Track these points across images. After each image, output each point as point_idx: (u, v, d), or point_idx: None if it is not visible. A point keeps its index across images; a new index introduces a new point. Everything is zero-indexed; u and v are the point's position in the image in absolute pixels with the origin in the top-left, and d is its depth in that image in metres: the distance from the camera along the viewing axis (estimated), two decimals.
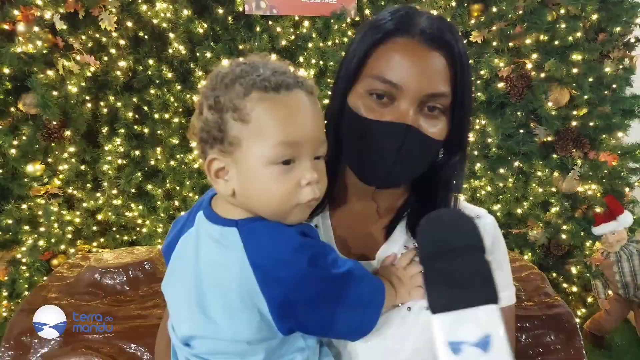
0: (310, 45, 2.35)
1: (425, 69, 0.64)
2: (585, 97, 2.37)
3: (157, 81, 2.35)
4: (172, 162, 2.41)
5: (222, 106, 0.57)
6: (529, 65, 2.38)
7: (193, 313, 0.59)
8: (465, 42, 2.34)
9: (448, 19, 2.29)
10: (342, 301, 0.58)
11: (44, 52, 2.17)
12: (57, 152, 2.32)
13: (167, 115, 2.38)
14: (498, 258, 0.74)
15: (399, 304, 0.68)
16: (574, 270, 2.61)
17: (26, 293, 2.28)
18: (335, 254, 0.62)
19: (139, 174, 2.41)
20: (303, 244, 0.58)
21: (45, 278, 2.02)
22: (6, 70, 2.13)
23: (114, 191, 2.40)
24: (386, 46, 0.66)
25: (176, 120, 2.39)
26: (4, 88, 2.19)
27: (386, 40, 0.66)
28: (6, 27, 2.15)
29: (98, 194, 2.42)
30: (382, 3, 2.39)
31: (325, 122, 0.73)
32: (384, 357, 0.67)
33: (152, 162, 2.43)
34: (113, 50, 2.28)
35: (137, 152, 2.42)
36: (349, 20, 2.36)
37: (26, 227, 2.32)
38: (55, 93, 2.20)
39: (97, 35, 2.26)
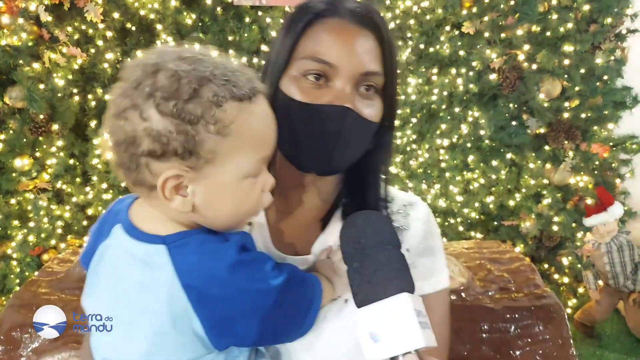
0: None
1: (358, 48, 0.64)
2: (577, 88, 2.37)
3: None
4: None
5: (191, 116, 0.49)
6: (521, 57, 2.37)
7: (118, 337, 0.55)
8: (457, 33, 2.36)
9: (440, 10, 2.31)
10: (281, 311, 0.57)
11: (30, 44, 2.13)
12: (45, 146, 2.30)
13: None
14: (431, 245, 0.76)
15: (336, 297, 0.68)
16: (565, 261, 2.63)
17: (17, 288, 2.27)
18: (272, 262, 0.59)
19: None
20: (238, 260, 0.55)
21: (36, 273, 2.02)
22: None
23: (104, 185, 2.38)
24: (317, 27, 0.65)
25: None
26: None
27: (316, 21, 0.66)
28: None
29: (87, 188, 2.40)
30: None
31: None
32: (323, 351, 0.67)
33: None
34: (100, 42, 2.25)
35: None
36: None
37: (15, 222, 2.30)
38: (41, 86, 2.17)
39: (84, 27, 2.23)
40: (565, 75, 2.38)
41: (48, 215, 2.32)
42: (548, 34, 2.35)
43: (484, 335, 1.62)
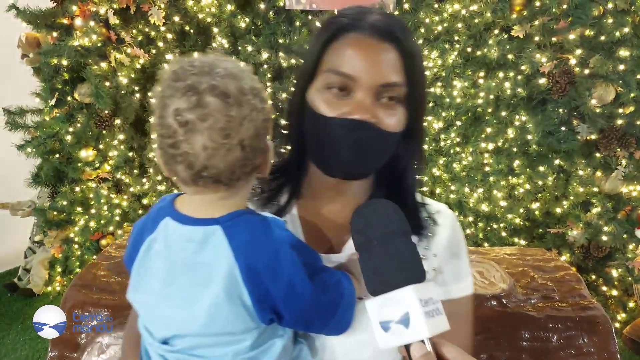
0: None
1: (377, 61, 0.67)
2: (632, 94, 2.28)
3: None
4: None
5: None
6: (572, 61, 2.32)
7: (175, 315, 0.61)
8: (506, 36, 2.34)
9: (488, 14, 2.30)
10: (319, 302, 0.61)
11: (98, 45, 2.31)
12: (107, 139, 2.47)
13: None
14: (456, 251, 0.78)
15: (363, 296, 0.70)
16: (614, 273, 2.53)
17: (77, 270, 2.44)
18: (313, 255, 0.66)
19: None
20: (283, 239, 0.61)
21: (94, 257, 2.17)
22: (64, 62, 2.29)
23: (159, 177, 2.53)
24: (339, 42, 0.69)
25: None
26: (62, 78, 2.35)
27: (339, 36, 0.70)
28: (65, 21, 2.31)
29: (144, 180, 2.56)
30: None
31: (287, 119, 0.78)
32: (353, 347, 0.70)
33: None
34: (161, 44, 2.40)
35: None
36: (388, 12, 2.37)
37: (79, 209, 2.49)
38: (107, 84, 2.34)
39: (147, 30, 2.39)
40: (620, 81, 2.30)
41: (108, 204, 2.49)
42: (602, 38, 2.28)
43: (525, 343, 1.59)
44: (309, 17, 2.42)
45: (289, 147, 0.80)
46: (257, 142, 0.59)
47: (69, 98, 2.40)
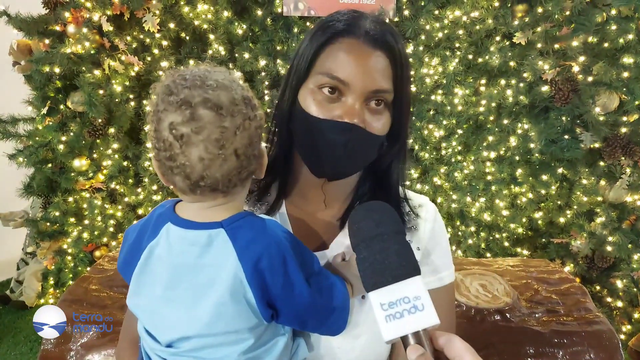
0: None
1: (369, 67, 0.70)
2: (637, 102, 2.25)
3: None
4: None
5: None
6: (575, 69, 2.28)
7: (179, 317, 0.63)
8: (508, 43, 2.30)
9: (490, 20, 2.27)
10: (314, 304, 0.64)
11: (92, 52, 2.27)
12: (101, 148, 2.43)
13: None
14: (438, 243, 0.83)
15: (354, 296, 0.74)
16: (619, 284, 2.49)
17: (70, 282, 2.39)
18: (312, 258, 0.68)
19: None
20: (284, 240, 0.63)
21: (88, 269, 2.11)
22: (57, 70, 2.24)
23: (154, 187, 2.48)
24: (334, 45, 0.72)
25: None
26: (54, 86, 2.31)
27: (334, 40, 0.72)
28: (58, 28, 2.26)
29: (139, 190, 2.51)
30: (422, 3, 2.35)
31: (275, 117, 0.80)
32: (346, 341, 0.74)
33: None
34: (156, 51, 2.36)
35: None
36: (387, 21, 2.34)
37: (72, 220, 2.44)
38: (101, 92, 2.30)
39: (141, 36, 2.35)
40: (624, 89, 2.26)
41: (102, 214, 2.44)
42: (606, 45, 2.25)
43: (529, 359, 1.56)
44: (307, 23, 2.38)
45: (274, 145, 0.82)
46: (251, 150, 0.61)
47: (61, 106, 2.35)
